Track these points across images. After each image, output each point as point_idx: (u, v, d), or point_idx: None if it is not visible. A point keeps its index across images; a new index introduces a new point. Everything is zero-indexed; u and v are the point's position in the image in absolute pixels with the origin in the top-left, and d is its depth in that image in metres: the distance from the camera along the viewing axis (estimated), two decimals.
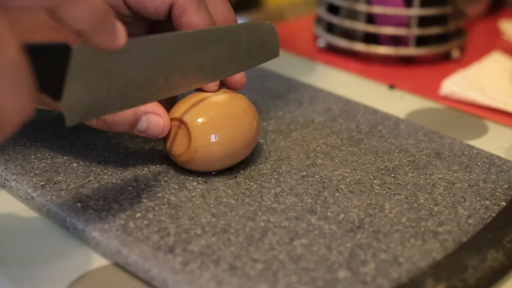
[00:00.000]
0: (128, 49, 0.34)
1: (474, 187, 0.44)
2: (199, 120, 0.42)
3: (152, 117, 0.42)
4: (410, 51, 0.66)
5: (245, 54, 0.43)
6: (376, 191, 0.43)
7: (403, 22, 0.65)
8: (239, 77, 0.45)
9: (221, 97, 0.43)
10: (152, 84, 0.38)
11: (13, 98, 0.27)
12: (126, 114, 0.41)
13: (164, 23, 0.45)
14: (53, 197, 0.40)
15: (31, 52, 0.30)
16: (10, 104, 0.27)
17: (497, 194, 0.43)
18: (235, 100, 0.44)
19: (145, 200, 0.41)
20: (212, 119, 0.42)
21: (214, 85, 0.43)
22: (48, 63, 0.32)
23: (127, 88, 0.37)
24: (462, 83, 0.60)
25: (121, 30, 0.33)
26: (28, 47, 0.30)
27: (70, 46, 0.33)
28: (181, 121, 0.42)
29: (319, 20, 0.71)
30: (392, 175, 0.45)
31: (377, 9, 0.65)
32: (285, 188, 0.43)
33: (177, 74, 0.40)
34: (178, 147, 0.42)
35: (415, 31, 0.65)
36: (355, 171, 0.45)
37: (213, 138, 0.42)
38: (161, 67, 0.38)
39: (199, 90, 0.44)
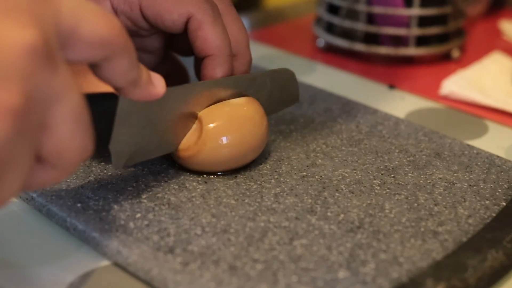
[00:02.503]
0: (165, 96, 0.36)
1: (474, 187, 0.44)
2: (212, 119, 0.42)
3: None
4: (410, 51, 0.66)
5: (268, 100, 0.46)
6: (376, 191, 0.43)
7: (403, 22, 0.65)
8: None
9: (237, 99, 0.44)
10: (186, 127, 0.42)
11: (78, 138, 0.29)
12: None
13: (180, 37, 0.45)
14: (53, 197, 0.40)
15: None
16: (76, 144, 0.29)
17: (497, 194, 0.43)
18: (249, 103, 0.44)
19: (145, 201, 0.41)
20: (224, 118, 0.42)
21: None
22: (97, 111, 0.34)
23: (166, 132, 0.41)
24: (462, 83, 0.60)
25: (159, 81, 0.35)
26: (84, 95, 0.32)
27: (117, 95, 0.35)
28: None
29: (319, 20, 0.71)
30: (392, 175, 0.45)
31: (377, 9, 0.65)
32: (285, 188, 0.43)
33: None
34: (186, 140, 0.43)
35: (415, 31, 0.65)
36: (355, 171, 0.45)
37: (224, 140, 0.42)
38: (194, 111, 0.42)
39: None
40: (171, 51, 0.49)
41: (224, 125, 0.42)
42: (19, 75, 0.26)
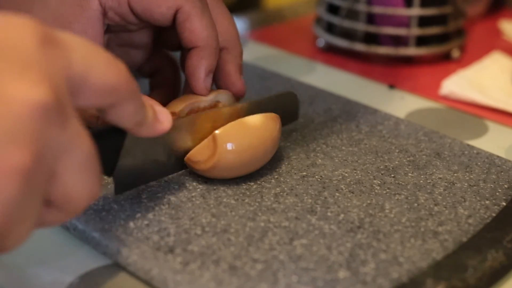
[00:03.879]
0: (171, 129, 0.37)
1: (474, 187, 0.44)
2: (227, 139, 0.41)
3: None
4: (410, 51, 0.66)
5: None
6: (376, 191, 0.43)
7: (403, 22, 0.65)
8: (240, 87, 0.46)
9: (254, 116, 0.43)
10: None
11: (87, 185, 0.30)
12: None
13: (168, 31, 0.45)
14: None
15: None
16: (84, 191, 0.30)
17: (497, 194, 0.43)
18: (266, 122, 0.43)
19: (145, 200, 0.41)
20: (240, 140, 0.42)
21: (204, 89, 0.44)
22: (103, 145, 0.35)
23: (169, 159, 0.42)
24: (462, 83, 0.60)
25: (165, 116, 0.36)
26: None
27: (125, 130, 0.36)
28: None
29: (319, 20, 0.71)
30: (392, 175, 0.45)
31: (377, 9, 0.65)
32: (285, 188, 0.43)
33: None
34: (198, 154, 0.42)
35: (415, 31, 0.65)
36: (355, 171, 0.45)
37: (237, 161, 0.42)
38: (199, 139, 0.43)
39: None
40: (160, 46, 0.49)
41: (238, 148, 0.41)
42: (29, 134, 0.26)
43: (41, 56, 0.28)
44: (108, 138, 0.38)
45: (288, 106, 0.48)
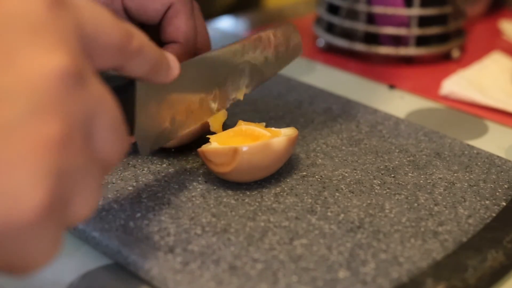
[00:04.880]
0: (180, 74, 0.37)
1: (474, 187, 0.44)
2: (249, 150, 0.41)
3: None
4: (410, 51, 0.66)
5: (276, 57, 0.47)
6: (376, 191, 0.43)
7: (403, 22, 0.65)
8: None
9: (278, 139, 0.42)
10: (205, 102, 0.42)
11: (118, 142, 0.30)
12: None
13: (151, 29, 0.45)
14: None
15: None
16: (117, 148, 0.30)
17: (497, 194, 0.43)
18: (288, 143, 0.43)
19: (145, 200, 0.41)
20: (259, 161, 0.41)
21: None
22: (121, 100, 0.34)
23: (187, 111, 0.41)
24: (462, 83, 0.60)
25: (174, 62, 0.36)
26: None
27: (134, 82, 0.35)
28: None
29: (319, 20, 0.71)
30: (392, 175, 0.45)
31: (377, 9, 0.65)
32: (285, 188, 0.43)
33: (223, 85, 0.43)
34: (215, 155, 0.42)
35: (415, 31, 0.65)
36: (355, 171, 0.45)
37: (247, 163, 0.41)
38: (210, 83, 0.42)
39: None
40: None
41: (256, 166, 0.42)
42: (54, 103, 0.26)
43: (52, 19, 0.27)
44: (125, 92, 0.37)
45: (289, 38, 0.48)
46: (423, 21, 0.65)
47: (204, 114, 0.42)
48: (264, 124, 0.45)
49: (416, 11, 0.65)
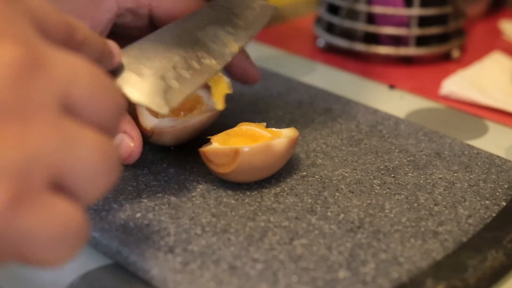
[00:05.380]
0: (160, 39, 0.37)
1: (474, 187, 0.44)
2: (250, 151, 0.41)
3: (125, 139, 0.41)
4: (410, 51, 0.66)
5: (244, 21, 0.46)
6: (376, 191, 0.43)
7: (403, 22, 0.65)
8: (254, 72, 0.48)
9: (279, 140, 0.43)
10: (190, 67, 0.40)
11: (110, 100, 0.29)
12: None
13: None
14: None
15: None
16: (112, 104, 0.29)
17: (497, 194, 0.43)
18: (290, 144, 0.43)
19: (145, 200, 0.41)
20: (260, 162, 0.42)
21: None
22: None
23: (177, 76, 0.39)
24: (462, 83, 0.60)
25: (115, 48, 0.35)
26: None
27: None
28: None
29: (319, 20, 0.71)
30: (392, 175, 0.45)
31: (377, 9, 0.65)
32: (285, 188, 0.43)
33: (203, 48, 0.42)
34: (215, 156, 0.42)
35: (415, 31, 0.65)
36: (355, 171, 0.45)
37: (248, 165, 0.41)
38: (190, 46, 0.41)
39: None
40: None
41: (256, 168, 0.42)
42: (16, 97, 0.25)
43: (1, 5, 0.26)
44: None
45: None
46: (423, 21, 0.65)
47: (205, 71, 0.41)
48: (264, 124, 0.45)
49: (416, 11, 0.65)
